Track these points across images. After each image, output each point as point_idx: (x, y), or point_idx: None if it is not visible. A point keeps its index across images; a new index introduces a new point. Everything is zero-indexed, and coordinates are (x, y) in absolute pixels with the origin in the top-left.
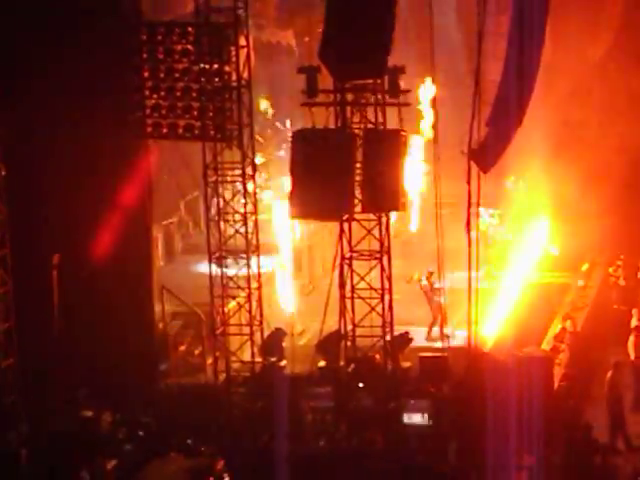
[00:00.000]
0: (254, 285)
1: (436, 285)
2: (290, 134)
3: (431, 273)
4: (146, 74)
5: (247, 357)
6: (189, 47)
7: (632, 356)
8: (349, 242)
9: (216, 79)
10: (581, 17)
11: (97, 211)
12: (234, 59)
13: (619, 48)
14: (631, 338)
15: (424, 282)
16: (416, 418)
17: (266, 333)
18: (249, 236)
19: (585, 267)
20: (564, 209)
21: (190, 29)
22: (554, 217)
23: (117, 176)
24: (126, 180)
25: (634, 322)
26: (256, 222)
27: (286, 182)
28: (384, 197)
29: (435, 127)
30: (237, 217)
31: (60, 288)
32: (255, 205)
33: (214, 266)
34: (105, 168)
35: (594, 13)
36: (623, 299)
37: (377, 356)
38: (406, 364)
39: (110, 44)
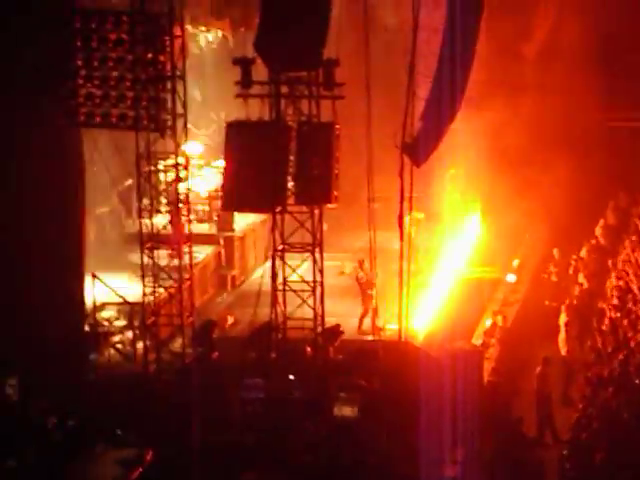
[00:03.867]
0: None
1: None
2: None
3: (362, 262)
4: (80, 62)
5: (178, 348)
6: (123, 36)
7: (562, 352)
8: (281, 234)
9: (150, 68)
10: (515, 15)
11: (29, 197)
12: (168, 49)
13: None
14: (561, 334)
15: (360, 273)
16: (346, 411)
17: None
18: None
19: (516, 263)
20: (496, 205)
21: (124, 18)
22: (485, 213)
23: (49, 164)
24: (58, 168)
25: (563, 318)
26: (188, 212)
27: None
28: (316, 190)
29: (369, 120)
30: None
31: None
32: (187, 195)
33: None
34: (37, 155)
35: (528, 12)
36: (554, 295)
37: (308, 348)
38: (337, 356)
39: (43, 31)
